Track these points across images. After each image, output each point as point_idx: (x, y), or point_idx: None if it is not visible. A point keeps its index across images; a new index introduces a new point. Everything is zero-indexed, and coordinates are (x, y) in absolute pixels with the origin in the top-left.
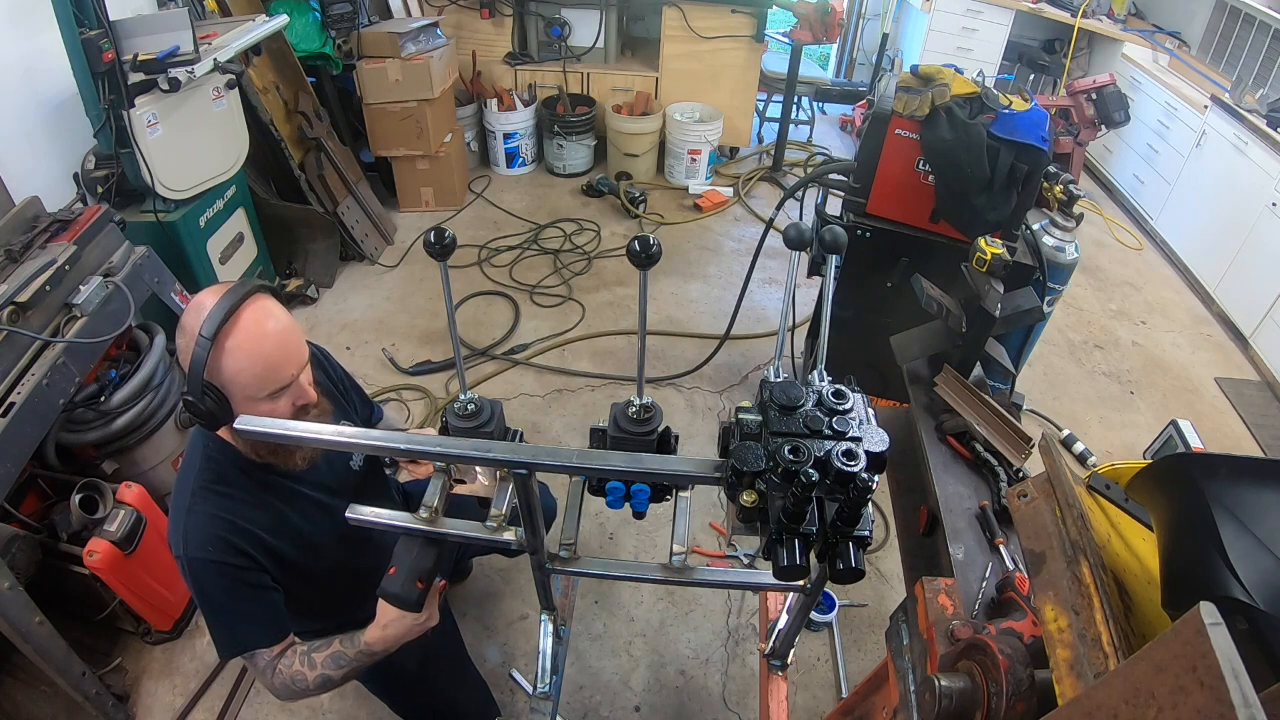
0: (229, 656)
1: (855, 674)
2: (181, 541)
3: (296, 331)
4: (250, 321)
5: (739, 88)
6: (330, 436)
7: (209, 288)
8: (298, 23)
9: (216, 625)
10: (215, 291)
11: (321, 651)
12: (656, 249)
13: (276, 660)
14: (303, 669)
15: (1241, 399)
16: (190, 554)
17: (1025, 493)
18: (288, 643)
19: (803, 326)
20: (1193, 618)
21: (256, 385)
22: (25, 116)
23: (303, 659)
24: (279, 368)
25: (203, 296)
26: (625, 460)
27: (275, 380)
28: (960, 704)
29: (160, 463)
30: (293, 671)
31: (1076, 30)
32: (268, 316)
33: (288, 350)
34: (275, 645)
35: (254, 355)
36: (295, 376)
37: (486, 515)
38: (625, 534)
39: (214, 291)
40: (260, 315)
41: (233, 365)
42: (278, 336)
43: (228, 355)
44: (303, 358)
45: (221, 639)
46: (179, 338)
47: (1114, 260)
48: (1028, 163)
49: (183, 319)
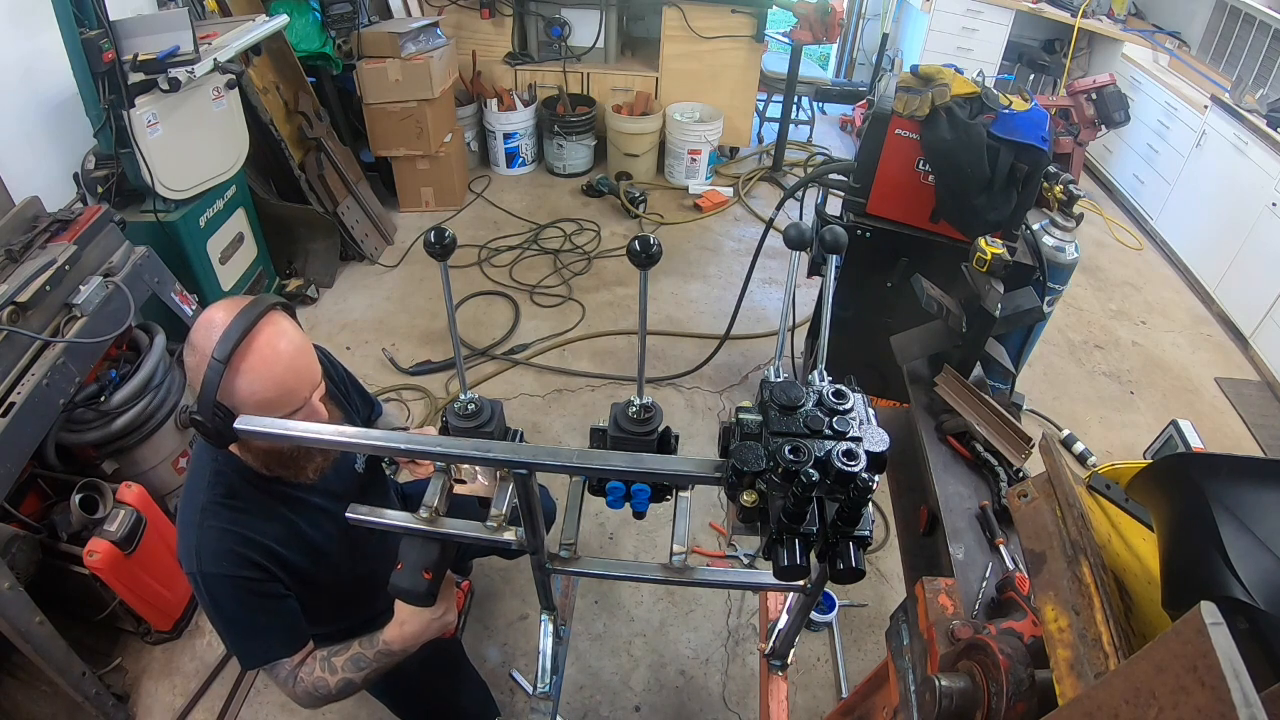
0: (251, 668)
1: (855, 674)
2: (194, 558)
3: (309, 352)
4: (264, 344)
5: (739, 88)
6: (330, 436)
7: (220, 302)
8: (298, 23)
9: (236, 639)
10: (227, 307)
11: (341, 655)
12: (656, 249)
13: (298, 669)
14: (324, 675)
15: (1241, 399)
16: (204, 570)
17: (1025, 493)
18: (308, 650)
19: (803, 326)
20: (1193, 617)
21: (268, 409)
22: (25, 116)
23: (323, 665)
24: (293, 392)
25: (213, 312)
26: (625, 460)
27: (288, 404)
28: (960, 704)
29: (160, 463)
30: (314, 679)
31: (1076, 30)
32: (281, 337)
33: (300, 373)
34: (296, 654)
35: (267, 380)
36: (308, 399)
37: (486, 515)
38: (625, 534)
39: (225, 307)
40: (274, 336)
41: (245, 389)
42: (291, 359)
43: (240, 378)
44: (316, 378)
45: (242, 652)
46: (188, 355)
47: (1114, 260)
48: (1028, 163)
49: (192, 335)
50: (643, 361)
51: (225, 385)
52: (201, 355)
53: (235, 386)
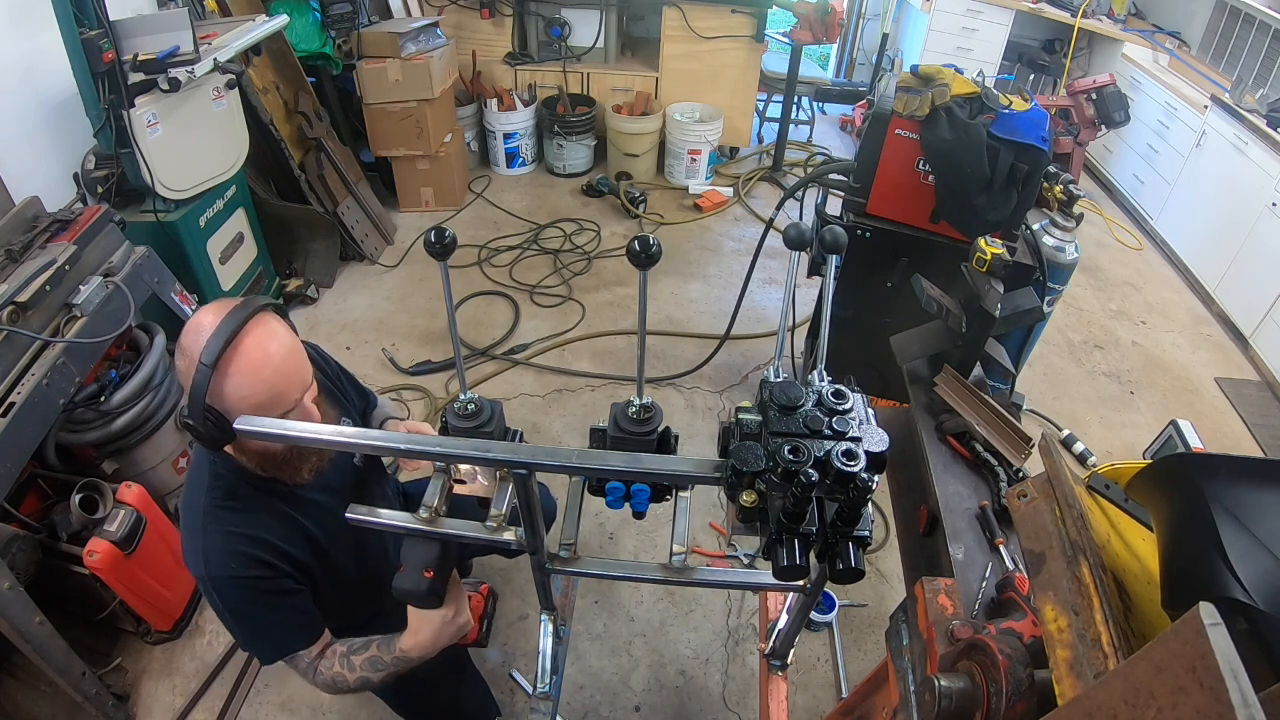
0: (269, 663)
1: (855, 674)
2: (201, 562)
3: (299, 353)
4: (252, 347)
5: (739, 88)
6: (330, 436)
7: (210, 304)
8: (298, 23)
9: (251, 637)
10: (216, 310)
11: (360, 655)
12: (656, 249)
13: (317, 661)
14: (343, 671)
15: (1241, 399)
16: (212, 573)
17: (1025, 493)
18: (325, 641)
19: (803, 326)
20: (1192, 618)
21: (259, 412)
22: (25, 116)
23: (342, 661)
24: (282, 394)
25: (202, 316)
26: (625, 460)
27: (278, 406)
28: (960, 704)
29: (160, 463)
30: (333, 673)
31: (1076, 30)
32: (270, 338)
33: (289, 376)
34: (313, 645)
35: (256, 383)
36: (299, 400)
37: (486, 515)
38: (625, 534)
39: (215, 310)
40: (263, 339)
41: (234, 392)
42: (280, 362)
43: (229, 381)
44: (306, 379)
45: (259, 649)
46: (178, 358)
47: (1114, 260)
48: (1028, 163)
49: (181, 339)
50: (642, 361)
51: (214, 389)
52: (190, 359)
53: (224, 390)
